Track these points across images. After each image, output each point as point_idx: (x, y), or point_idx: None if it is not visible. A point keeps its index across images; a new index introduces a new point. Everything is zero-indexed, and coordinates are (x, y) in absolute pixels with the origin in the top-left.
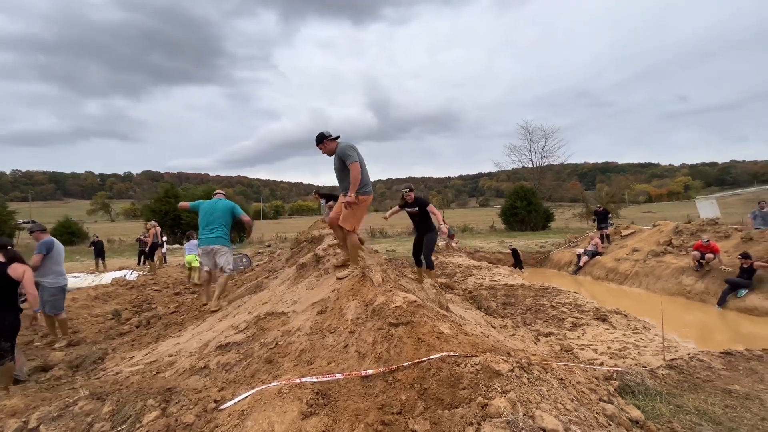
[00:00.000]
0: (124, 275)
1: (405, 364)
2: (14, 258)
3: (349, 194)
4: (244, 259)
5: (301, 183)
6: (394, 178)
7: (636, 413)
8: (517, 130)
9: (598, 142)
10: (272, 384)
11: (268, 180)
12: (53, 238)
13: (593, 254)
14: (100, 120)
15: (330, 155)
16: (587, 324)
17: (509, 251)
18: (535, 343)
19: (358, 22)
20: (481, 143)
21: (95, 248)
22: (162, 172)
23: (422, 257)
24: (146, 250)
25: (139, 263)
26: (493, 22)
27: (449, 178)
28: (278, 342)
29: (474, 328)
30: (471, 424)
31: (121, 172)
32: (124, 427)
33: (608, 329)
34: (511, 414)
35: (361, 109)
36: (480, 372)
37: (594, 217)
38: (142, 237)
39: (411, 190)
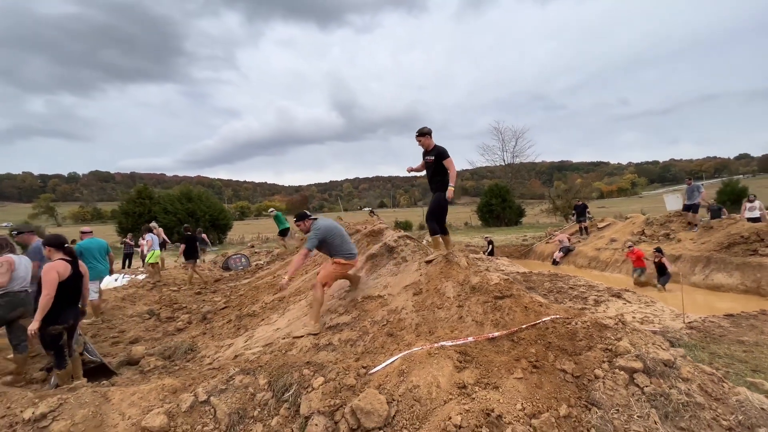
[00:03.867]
0: (116, 279)
1: (524, 326)
2: (74, 254)
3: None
4: (243, 259)
5: (266, 183)
6: (361, 177)
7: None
8: (489, 130)
9: (552, 142)
10: (415, 349)
11: (230, 180)
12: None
13: (567, 250)
14: (44, 118)
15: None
16: (607, 300)
17: (486, 242)
18: None
19: (323, 27)
20: (445, 144)
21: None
22: (113, 172)
23: (427, 221)
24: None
25: (123, 267)
26: (452, 30)
27: (416, 177)
28: (388, 320)
29: None
30: (604, 361)
31: (65, 173)
32: (291, 393)
33: (625, 304)
34: (637, 351)
35: (327, 110)
36: (591, 327)
37: (574, 211)
38: (128, 240)
39: (422, 135)
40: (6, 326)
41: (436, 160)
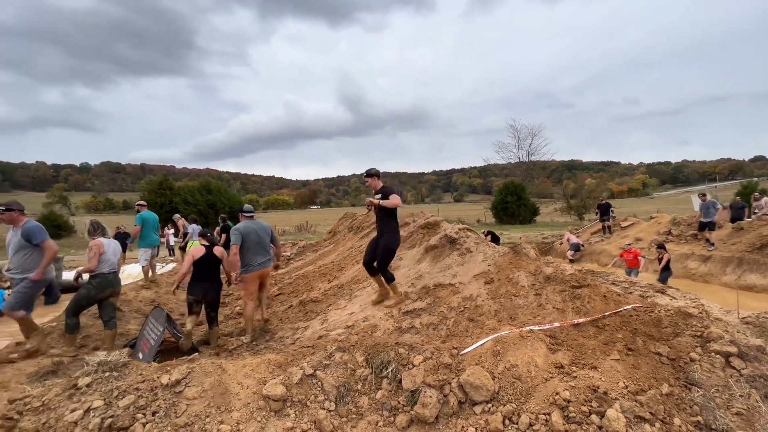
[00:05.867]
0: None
1: (606, 313)
2: (214, 242)
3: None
4: None
5: (273, 177)
6: None
7: None
8: (504, 127)
9: (559, 140)
10: (504, 332)
11: (239, 173)
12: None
13: (578, 247)
14: (59, 109)
15: None
16: (653, 296)
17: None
18: None
19: (334, 24)
20: (451, 140)
21: (120, 240)
22: (123, 163)
23: (376, 264)
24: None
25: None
26: (459, 28)
27: (423, 174)
28: (465, 306)
29: None
30: (696, 346)
31: (77, 163)
32: (390, 370)
33: (672, 299)
34: (730, 336)
35: (335, 105)
36: (675, 315)
37: (597, 210)
38: None
39: (369, 176)
40: (97, 304)
41: (383, 199)
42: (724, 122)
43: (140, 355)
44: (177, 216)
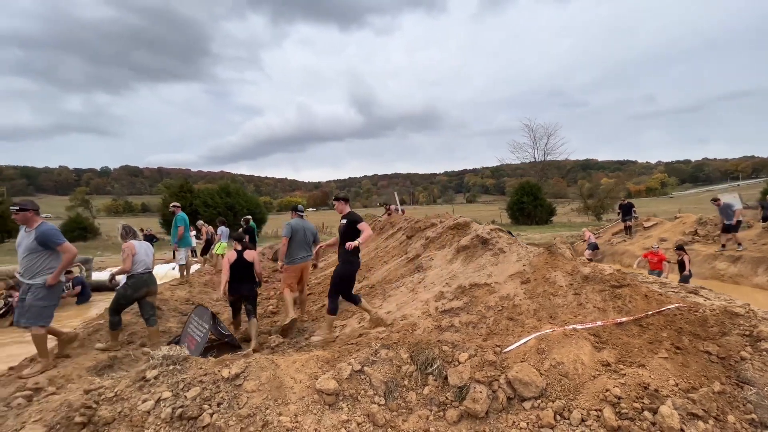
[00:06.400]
0: (173, 267)
1: (650, 312)
2: (246, 246)
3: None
4: None
5: (286, 179)
6: (379, 174)
7: None
8: (520, 127)
9: (574, 139)
10: (547, 330)
11: (252, 176)
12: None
13: (595, 247)
14: (81, 116)
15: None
16: (685, 297)
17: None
18: None
19: (344, 28)
20: (463, 140)
21: (147, 241)
22: (142, 167)
23: (330, 296)
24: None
25: (175, 257)
26: (471, 29)
27: (434, 175)
28: (503, 306)
29: None
30: (745, 345)
31: (97, 167)
32: (436, 367)
33: (705, 300)
34: None
35: (346, 107)
36: (721, 314)
37: (619, 210)
38: None
39: (336, 200)
40: (137, 303)
41: (348, 225)
42: (746, 118)
43: (186, 352)
44: (201, 222)
